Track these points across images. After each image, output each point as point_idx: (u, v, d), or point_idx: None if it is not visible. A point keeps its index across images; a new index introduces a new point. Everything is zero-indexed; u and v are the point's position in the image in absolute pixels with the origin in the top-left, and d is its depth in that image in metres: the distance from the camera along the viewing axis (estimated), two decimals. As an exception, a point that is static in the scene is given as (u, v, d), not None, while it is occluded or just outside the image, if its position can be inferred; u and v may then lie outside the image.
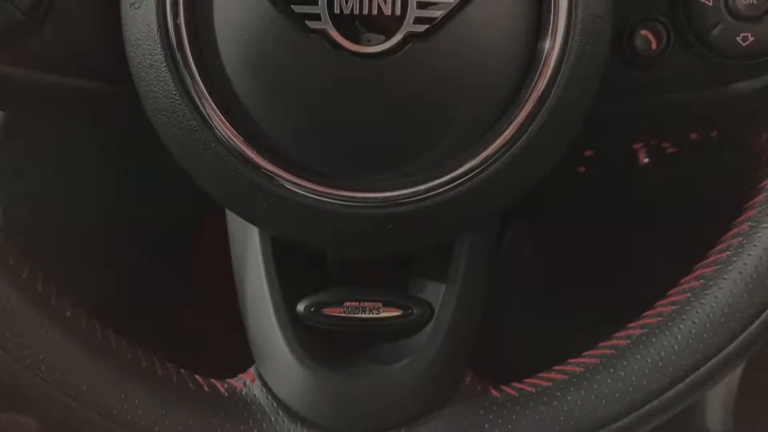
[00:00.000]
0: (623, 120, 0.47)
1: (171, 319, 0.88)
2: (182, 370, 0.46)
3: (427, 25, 0.37)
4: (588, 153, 0.79)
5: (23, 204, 0.74)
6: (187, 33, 0.38)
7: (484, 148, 0.39)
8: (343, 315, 0.45)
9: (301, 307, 0.46)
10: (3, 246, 0.43)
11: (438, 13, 0.37)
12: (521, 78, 0.39)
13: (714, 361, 0.43)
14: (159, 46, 0.38)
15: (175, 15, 0.38)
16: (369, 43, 0.38)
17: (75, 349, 0.43)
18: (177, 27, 0.38)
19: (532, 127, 0.38)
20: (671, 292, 0.46)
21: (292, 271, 0.48)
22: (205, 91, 0.38)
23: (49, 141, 0.76)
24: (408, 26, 0.37)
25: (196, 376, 0.46)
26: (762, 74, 0.43)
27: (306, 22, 0.37)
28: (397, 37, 0.37)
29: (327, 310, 0.45)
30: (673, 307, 0.44)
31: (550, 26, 0.38)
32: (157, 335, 0.56)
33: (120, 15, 0.40)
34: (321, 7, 0.37)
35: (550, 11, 0.38)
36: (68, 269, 0.54)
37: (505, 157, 0.39)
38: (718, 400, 0.76)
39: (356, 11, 0.37)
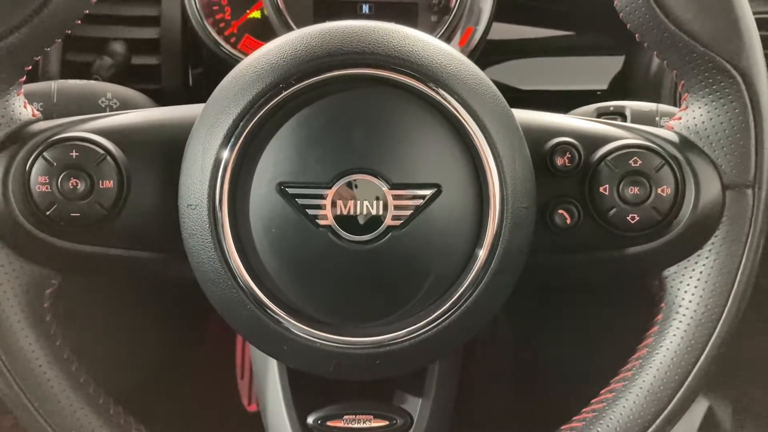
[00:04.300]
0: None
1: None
2: None
3: (401, 220, 0.52)
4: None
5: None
6: (230, 228, 0.52)
7: (441, 306, 0.53)
8: (342, 426, 0.59)
9: (310, 419, 0.60)
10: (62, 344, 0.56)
11: (409, 212, 0.52)
12: (469, 253, 0.53)
13: None
14: (209, 236, 0.52)
15: (222, 215, 0.51)
16: (361, 233, 0.52)
17: None
18: (223, 224, 0.51)
19: (477, 290, 0.52)
20: (593, 401, 0.60)
21: (303, 384, 0.62)
22: (242, 267, 0.52)
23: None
24: (388, 221, 0.52)
25: None
26: (647, 242, 0.57)
27: (316, 220, 0.52)
28: (381, 229, 0.52)
29: (330, 422, 0.59)
30: (593, 413, 0.59)
31: (490, 210, 0.53)
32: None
33: (178, 208, 0.54)
34: (327, 211, 0.51)
35: (489, 202, 0.53)
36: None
37: (456, 313, 0.53)
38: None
39: (351, 212, 0.52)
